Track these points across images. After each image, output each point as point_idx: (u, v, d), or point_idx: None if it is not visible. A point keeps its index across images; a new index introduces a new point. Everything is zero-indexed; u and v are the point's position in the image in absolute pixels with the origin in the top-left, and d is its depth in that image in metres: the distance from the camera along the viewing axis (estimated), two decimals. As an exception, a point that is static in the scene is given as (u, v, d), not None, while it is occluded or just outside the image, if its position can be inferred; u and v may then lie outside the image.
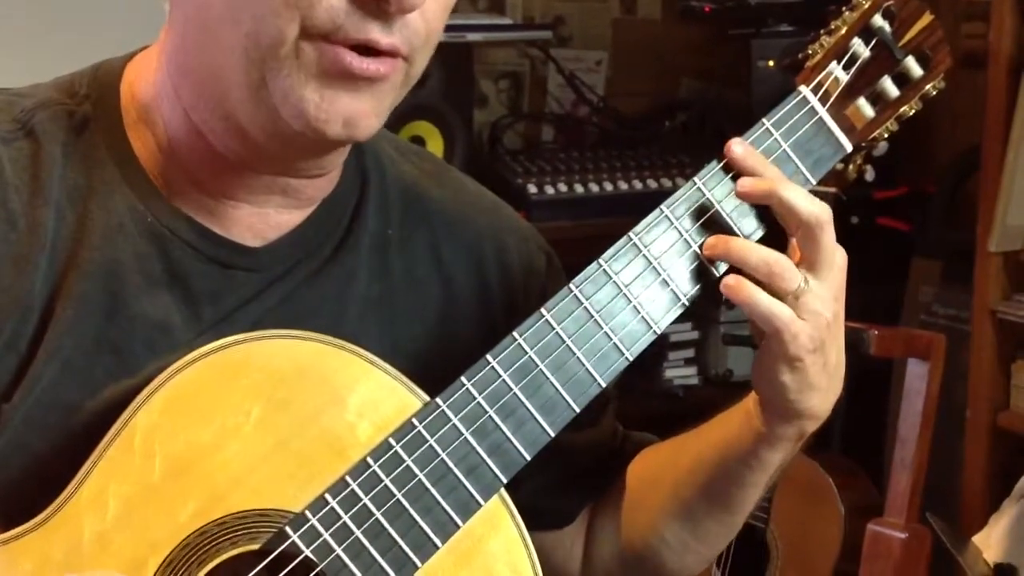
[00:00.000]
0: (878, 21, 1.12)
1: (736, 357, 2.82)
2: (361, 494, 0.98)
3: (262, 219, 1.07)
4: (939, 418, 2.03)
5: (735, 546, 2.26)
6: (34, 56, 1.87)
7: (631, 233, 1.06)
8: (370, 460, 0.99)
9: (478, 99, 2.90)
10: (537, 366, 1.02)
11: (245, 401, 0.98)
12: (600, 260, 1.05)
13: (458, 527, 1.00)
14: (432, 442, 1.00)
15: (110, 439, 0.96)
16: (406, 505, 0.99)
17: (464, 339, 1.13)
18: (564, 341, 1.03)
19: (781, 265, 1.02)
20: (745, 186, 1.05)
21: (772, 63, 2.48)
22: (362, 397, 1.00)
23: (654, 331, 1.06)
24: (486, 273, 1.17)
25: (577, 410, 1.03)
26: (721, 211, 1.07)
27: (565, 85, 3.00)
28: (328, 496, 0.98)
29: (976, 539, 2.10)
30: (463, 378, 1.01)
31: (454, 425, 1.00)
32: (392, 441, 0.99)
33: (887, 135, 1.16)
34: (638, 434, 1.28)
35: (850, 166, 2.14)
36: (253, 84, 0.99)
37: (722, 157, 1.07)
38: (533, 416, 1.02)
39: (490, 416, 1.01)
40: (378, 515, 0.98)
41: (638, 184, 2.72)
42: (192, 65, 1.03)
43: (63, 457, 0.97)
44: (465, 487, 1.00)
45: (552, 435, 1.03)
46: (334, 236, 1.10)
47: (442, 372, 1.02)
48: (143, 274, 1.03)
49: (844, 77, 1.11)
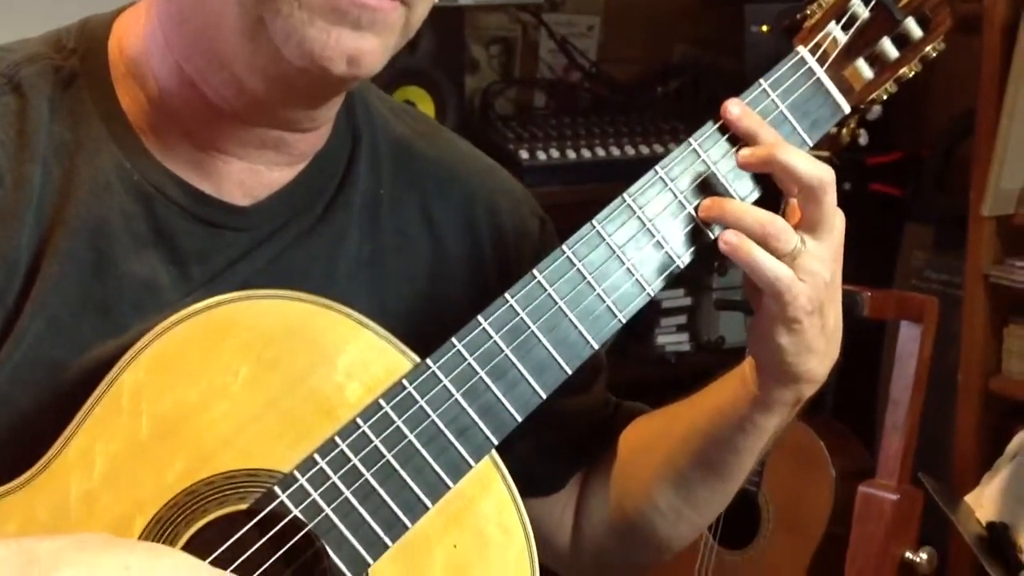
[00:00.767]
0: (878, -19, 1.11)
1: (728, 324, 2.82)
2: (351, 454, 0.98)
3: (253, 176, 1.06)
4: (931, 383, 2.03)
5: (727, 508, 2.28)
6: (21, 11, 1.85)
7: (625, 194, 1.05)
8: (360, 421, 0.98)
9: (469, 64, 2.88)
10: (529, 328, 1.02)
11: (233, 361, 0.97)
12: (594, 221, 1.04)
13: (449, 488, 0.99)
14: (423, 403, 0.99)
15: (96, 398, 0.95)
16: (396, 466, 0.98)
17: (455, 300, 1.12)
18: (557, 303, 1.02)
19: (777, 227, 1.01)
20: (744, 157, 1.04)
21: (766, 28, 2.47)
22: (351, 357, 0.99)
23: (648, 293, 1.05)
24: (478, 235, 1.16)
25: (569, 372, 1.03)
26: (716, 173, 1.06)
27: (557, 50, 2.98)
28: (317, 456, 0.97)
29: (968, 498, 2.11)
30: (454, 339, 1.00)
31: (445, 386, 1.00)
32: (382, 402, 0.99)
33: (885, 97, 1.15)
34: (630, 403, 1.27)
35: (844, 130, 2.13)
36: (249, 28, 0.98)
37: (718, 118, 1.06)
38: (525, 378, 1.01)
39: (481, 377, 1.00)
40: (368, 476, 0.98)
41: (631, 150, 2.71)
42: (185, 14, 1.02)
43: (49, 416, 0.96)
44: (456, 448, 0.99)
45: (544, 397, 1.02)
46: (324, 195, 1.09)
47: (432, 333, 1.01)
48: (130, 233, 1.02)
49: (843, 38, 1.10)
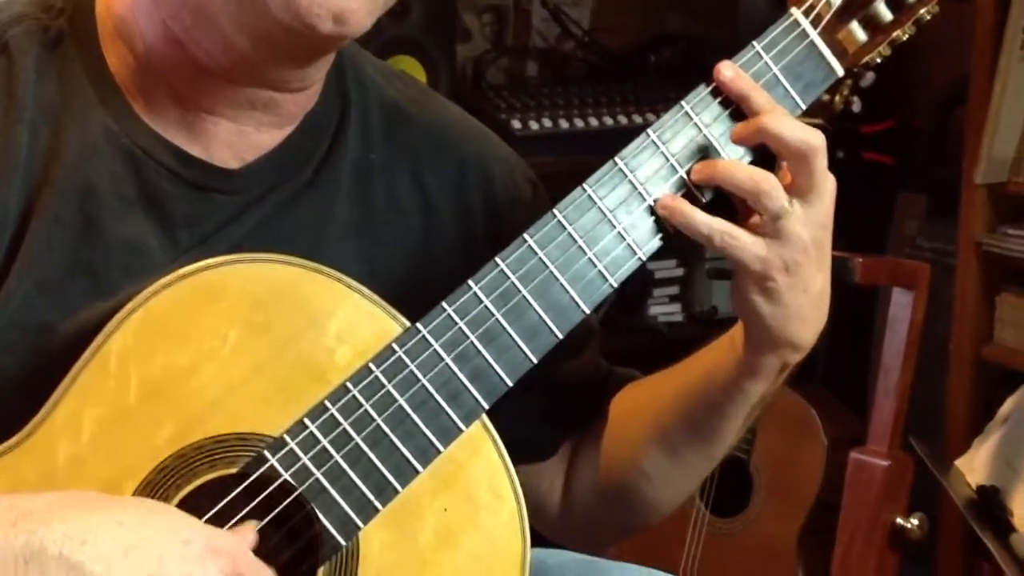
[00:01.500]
0: (872, -58, 1.10)
1: (721, 294, 2.81)
2: (341, 419, 0.97)
3: (242, 138, 1.06)
4: (922, 352, 2.04)
5: (719, 477, 2.28)
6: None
7: (617, 158, 1.04)
8: (350, 385, 0.98)
9: (461, 33, 2.87)
10: (520, 292, 1.01)
11: (222, 324, 0.97)
12: (585, 185, 1.03)
13: (439, 452, 0.99)
14: (413, 367, 0.99)
15: (84, 362, 0.95)
16: (386, 430, 0.98)
17: (446, 266, 1.12)
18: (547, 267, 1.02)
19: (769, 183, 1.01)
20: (736, 132, 1.04)
21: (760, -5, 2.46)
22: (341, 322, 0.99)
23: (639, 258, 1.05)
24: (470, 200, 1.16)
25: (560, 336, 1.02)
26: (709, 136, 1.05)
27: (550, 19, 2.96)
28: (307, 420, 0.97)
29: (959, 463, 2.12)
30: (444, 304, 1.00)
31: (435, 351, 0.99)
32: (372, 366, 0.98)
33: (879, 60, 1.14)
34: (622, 370, 1.27)
35: (837, 97, 2.14)
36: None
37: (711, 81, 1.05)
38: (515, 342, 1.01)
39: (472, 342, 1.00)
40: (358, 440, 0.97)
41: (623, 119, 2.70)
42: None
43: (36, 379, 0.95)
44: (447, 413, 0.99)
45: (535, 361, 1.02)
46: (314, 158, 1.09)
47: (423, 298, 1.01)
48: (118, 196, 1.02)
49: (836, 0, 1.09)
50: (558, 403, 1.20)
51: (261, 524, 0.96)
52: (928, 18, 1.13)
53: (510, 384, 1.01)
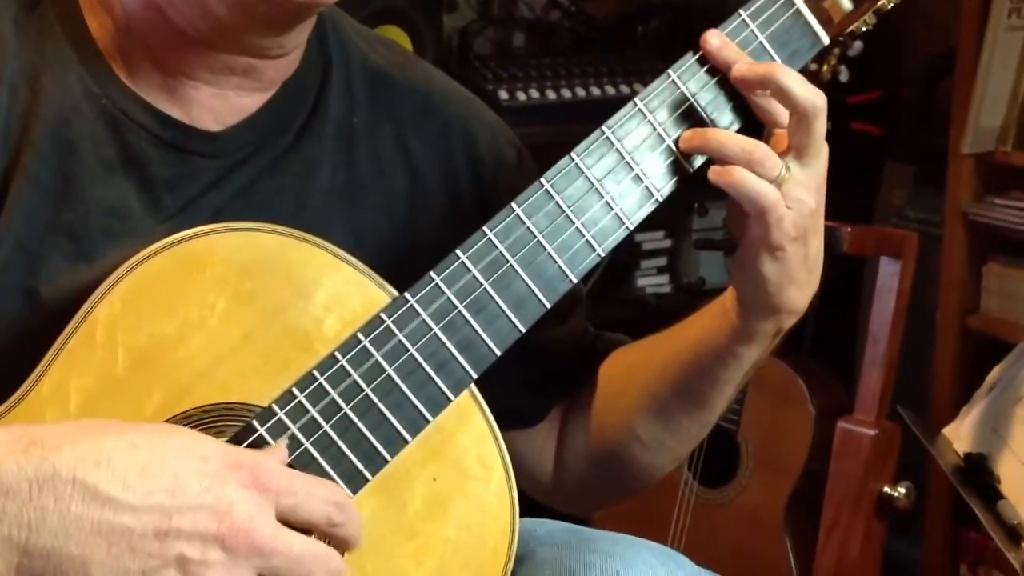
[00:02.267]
0: (857, -91, 1.10)
1: (708, 265, 2.82)
2: (329, 388, 0.97)
3: (222, 101, 1.05)
4: (909, 321, 2.04)
5: (706, 448, 2.29)
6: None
7: (604, 127, 1.04)
8: (338, 355, 0.98)
9: (447, 3, 2.85)
10: (508, 261, 1.01)
11: (209, 294, 0.96)
12: (572, 154, 1.03)
13: (428, 422, 0.99)
14: (401, 337, 0.99)
15: (70, 332, 0.94)
16: (375, 400, 0.98)
17: (431, 232, 1.12)
18: (535, 236, 1.02)
19: (761, 152, 1.01)
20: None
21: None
22: (329, 291, 0.99)
23: (627, 227, 1.05)
24: (455, 165, 1.16)
25: (548, 305, 1.02)
26: (696, 104, 1.05)
27: (536, -11, 2.96)
28: (295, 390, 0.97)
29: (946, 431, 2.13)
30: (432, 273, 1.00)
31: (423, 320, 0.99)
32: (360, 336, 0.98)
33: (865, 29, 1.14)
34: (610, 335, 1.27)
35: (824, 66, 2.13)
36: None
37: (697, 49, 1.05)
38: (503, 312, 1.01)
39: (460, 311, 1.00)
40: (346, 409, 0.97)
41: (611, 89, 2.69)
42: None
43: (22, 348, 0.95)
44: (435, 382, 0.99)
45: (523, 330, 1.02)
46: (296, 122, 1.09)
47: (409, 264, 1.01)
48: (97, 158, 1.01)
49: (821, -32, 1.09)
50: (546, 370, 1.20)
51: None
52: (913, -13, 1.13)
53: (498, 354, 1.01)
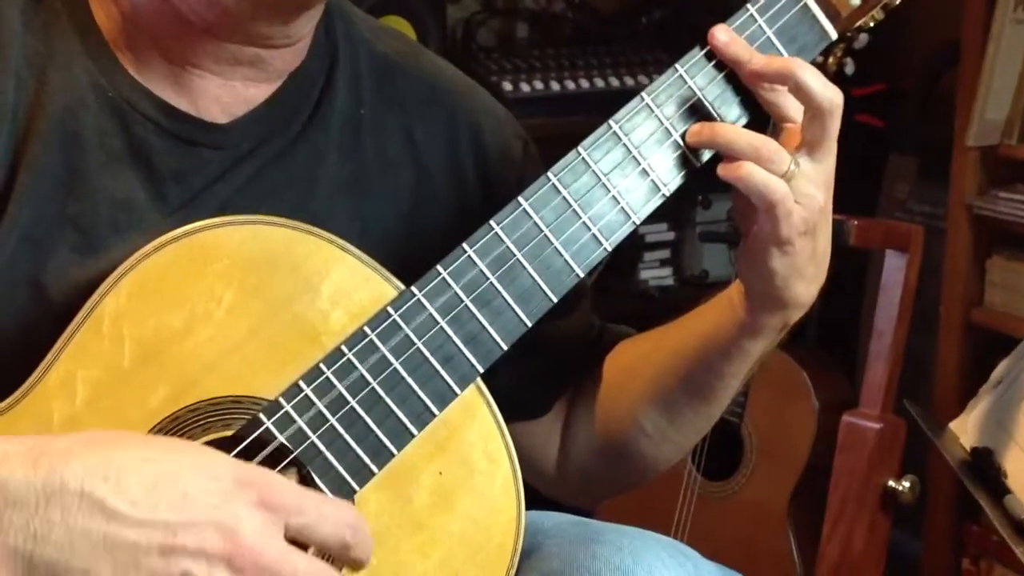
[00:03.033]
0: (865, -96, 1.10)
1: (712, 258, 2.82)
2: (336, 382, 0.97)
3: (229, 92, 1.05)
4: (913, 314, 2.04)
5: (710, 440, 2.28)
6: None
7: (611, 121, 1.04)
8: (345, 348, 0.98)
9: (451, -6, 2.86)
10: (514, 256, 1.01)
11: (216, 287, 0.96)
12: (579, 148, 1.03)
13: (434, 416, 0.99)
14: (408, 331, 0.99)
15: (77, 324, 0.94)
16: (382, 394, 0.98)
17: (438, 222, 1.12)
18: (542, 231, 1.02)
19: (769, 148, 1.01)
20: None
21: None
22: (335, 285, 0.99)
23: (633, 222, 1.05)
24: (461, 156, 1.16)
25: (554, 300, 1.03)
26: (703, 99, 1.05)
27: (540, -20, 2.96)
28: (302, 383, 0.97)
29: (952, 425, 2.13)
30: (439, 267, 1.00)
31: (430, 314, 0.99)
32: (367, 330, 0.98)
33: (872, 24, 1.14)
34: (616, 326, 1.27)
35: (830, 59, 2.13)
36: None
37: (704, 44, 1.05)
38: (510, 306, 1.01)
39: (467, 306, 1.00)
40: (353, 403, 0.97)
41: (615, 81, 2.70)
42: None
43: (28, 340, 0.95)
44: (442, 377, 0.99)
45: (529, 325, 1.02)
46: (302, 113, 1.08)
47: (415, 256, 1.01)
48: (104, 149, 1.01)
49: (830, -38, 1.09)
50: (551, 362, 1.20)
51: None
52: (921, -18, 1.13)
53: (505, 348, 1.01)
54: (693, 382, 1.15)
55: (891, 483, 2.02)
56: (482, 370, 1.00)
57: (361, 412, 0.97)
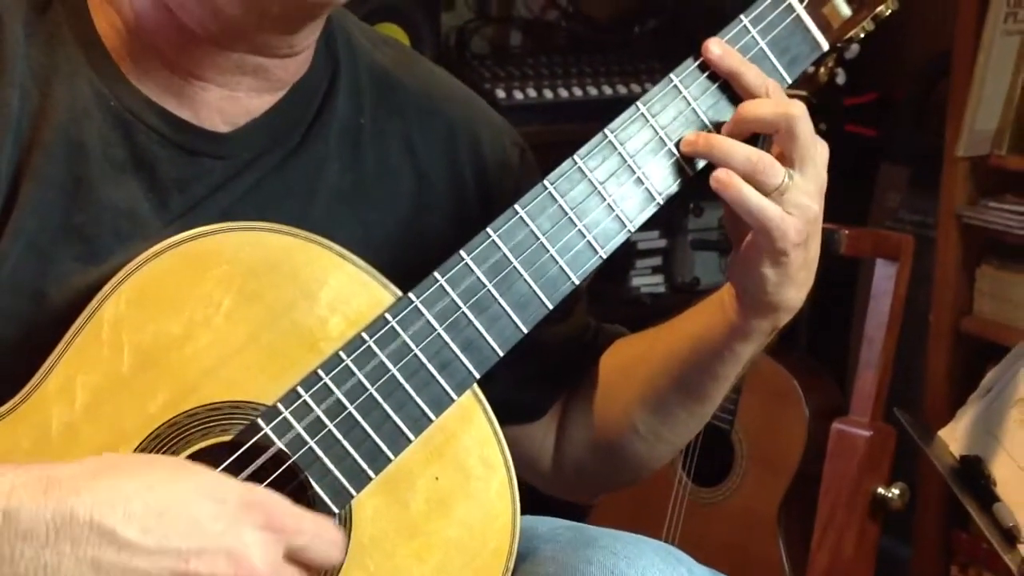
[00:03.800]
0: (856, -83, 1.11)
1: (703, 265, 2.82)
2: (334, 388, 0.98)
3: (233, 103, 1.06)
4: (903, 323, 2.05)
5: (701, 447, 2.30)
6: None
7: (607, 130, 1.05)
8: (343, 354, 0.98)
9: (445, 2, 2.86)
10: (511, 263, 1.02)
11: (215, 293, 0.97)
12: (575, 157, 1.04)
13: (431, 421, 1.00)
14: (406, 337, 0.99)
15: (76, 330, 0.95)
16: (379, 399, 0.99)
17: (437, 231, 1.12)
18: (538, 238, 1.03)
19: (765, 162, 1.02)
20: (728, 132, 1.04)
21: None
22: (334, 291, 0.99)
23: (628, 229, 1.06)
24: (460, 165, 1.16)
25: (550, 307, 1.04)
26: (697, 109, 1.06)
27: (534, -13, 2.96)
28: (300, 389, 0.97)
29: (942, 433, 2.13)
30: (436, 274, 1.01)
31: (427, 321, 1.00)
32: (365, 336, 0.99)
33: (863, 35, 1.15)
34: (610, 327, 1.29)
35: (822, 69, 2.14)
36: None
37: (699, 55, 1.06)
38: (507, 313, 1.02)
39: (463, 312, 1.01)
40: (351, 409, 0.98)
41: (608, 89, 2.70)
42: None
43: (30, 347, 0.96)
44: (438, 382, 1.00)
45: (525, 331, 1.03)
46: (303, 122, 1.09)
47: (414, 265, 1.02)
48: (108, 159, 1.02)
49: (821, -26, 1.10)
50: (548, 365, 1.22)
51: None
52: (910, -6, 1.14)
53: (501, 354, 1.02)
54: (686, 383, 1.16)
55: (881, 490, 2.02)
56: (479, 376, 1.01)
57: (359, 418, 0.98)
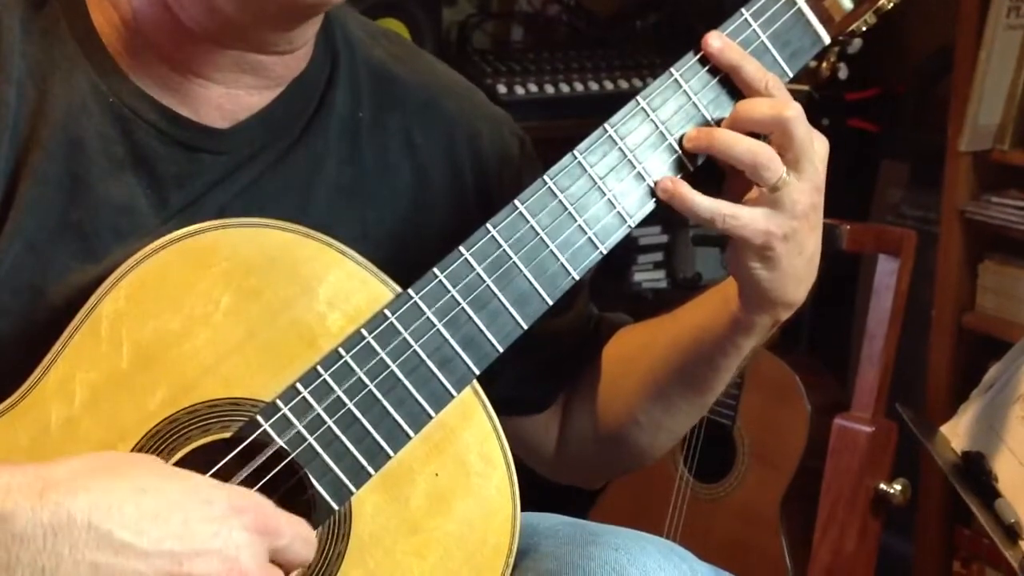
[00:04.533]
0: (857, -91, 1.10)
1: (705, 260, 2.82)
2: (333, 384, 0.98)
3: (232, 100, 1.06)
4: (905, 319, 2.04)
5: (702, 443, 2.30)
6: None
7: (607, 125, 1.05)
8: (342, 351, 0.98)
9: (446, -4, 2.86)
10: (511, 259, 1.02)
11: (214, 289, 0.97)
12: (575, 152, 1.04)
13: (431, 418, 1.00)
14: (405, 334, 0.99)
15: (75, 326, 0.95)
16: (379, 396, 0.98)
17: (436, 227, 1.12)
18: (538, 234, 1.02)
19: (766, 155, 1.02)
20: (725, 127, 1.04)
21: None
22: (333, 287, 0.99)
23: (628, 225, 1.05)
24: (459, 159, 1.16)
25: (550, 303, 1.03)
26: (698, 103, 1.06)
27: (535, -17, 2.96)
28: (300, 386, 0.97)
29: (944, 429, 2.13)
30: (435, 270, 1.00)
31: (427, 317, 1.00)
32: (364, 332, 0.99)
33: (865, 28, 1.15)
34: (613, 315, 1.29)
35: (824, 63, 2.14)
36: None
37: (699, 49, 1.06)
38: (506, 309, 1.02)
39: (463, 308, 1.01)
40: (351, 405, 0.98)
41: (609, 84, 2.70)
42: None
43: (28, 344, 0.95)
44: (438, 378, 1.00)
45: (525, 328, 1.02)
46: (302, 118, 1.09)
47: (414, 260, 1.02)
48: (106, 156, 1.02)
49: (823, -33, 1.10)
50: (551, 358, 1.22)
51: (254, 489, 0.96)
52: (913, -13, 1.14)
53: (501, 350, 1.01)
54: (687, 374, 1.17)
55: (882, 486, 2.02)
56: (478, 372, 1.01)
57: (358, 414, 0.98)
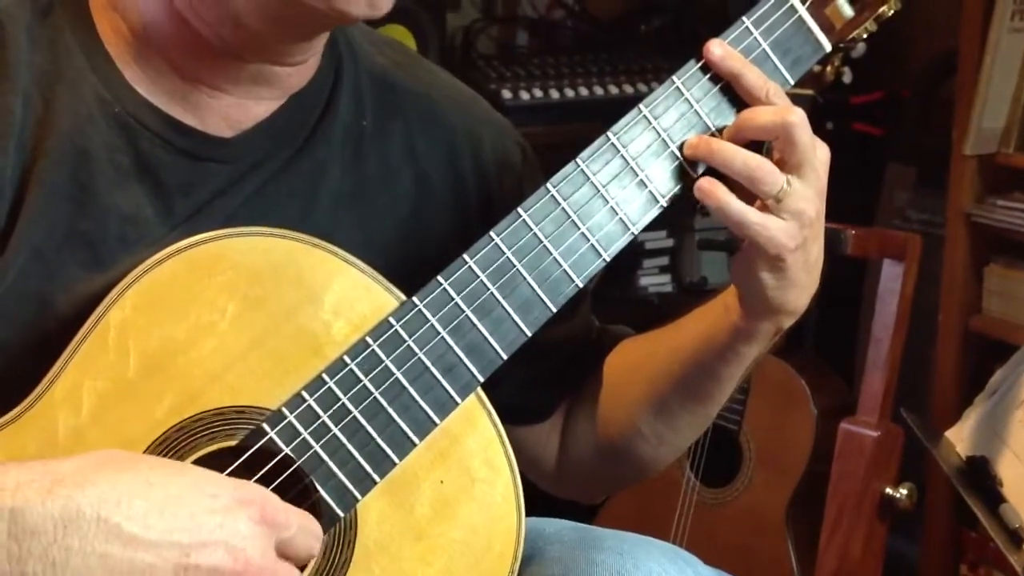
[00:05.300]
0: (858, -84, 1.11)
1: (710, 265, 2.82)
2: (339, 392, 0.98)
3: (240, 110, 1.06)
4: (911, 322, 2.04)
5: (708, 447, 2.30)
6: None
7: (609, 132, 1.05)
8: (347, 359, 0.99)
9: (450, 2, 2.86)
10: (514, 266, 1.02)
11: (220, 298, 0.97)
12: (578, 160, 1.04)
13: (436, 425, 1.00)
14: (410, 342, 1.00)
15: (83, 335, 0.95)
16: (384, 403, 0.99)
17: (438, 234, 1.13)
18: (541, 241, 1.03)
19: (764, 170, 1.02)
20: (727, 137, 1.04)
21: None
22: (338, 295, 1.00)
23: (631, 232, 1.06)
24: (461, 167, 1.17)
25: (554, 310, 1.04)
26: (699, 111, 1.06)
27: (539, -12, 2.96)
28: (305, 393, 0.98)
29: (949, 434, 2.13)
30: (440, 277, 1.01)
31: (431, 325, 1.00)
32: (369, 340, 0.99)
33: (866, 35, 1.15)
34: (615, 327, 1.29)
35: (828, 68, 2.15)
36: None
37: (700, 57, 1.06)
38: (510, 316, 1.02)
39: (467, 316, 1.01)
40: (356, 413, 0.98)
41: (614, 89, 2.70)
42: None
43: (35, 353, 0.96)
44: (443, 386, 1.00)
45: (529, 335, 1.03)
46: (306, 126, 1.10)
47: (416, 268, 1.02)
48: (113, 165, 1.02)
49: (823, -25, 1.10)
50: (553, 367, 1.22)
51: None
52: (912, -6, 1.14)
53: (505, 358, 1.02)
54: (688, 385, 1.16)
55: (889, 490, 2.02)
56: (482, 379, 1.01)
57: (363, 422, 0.99)
